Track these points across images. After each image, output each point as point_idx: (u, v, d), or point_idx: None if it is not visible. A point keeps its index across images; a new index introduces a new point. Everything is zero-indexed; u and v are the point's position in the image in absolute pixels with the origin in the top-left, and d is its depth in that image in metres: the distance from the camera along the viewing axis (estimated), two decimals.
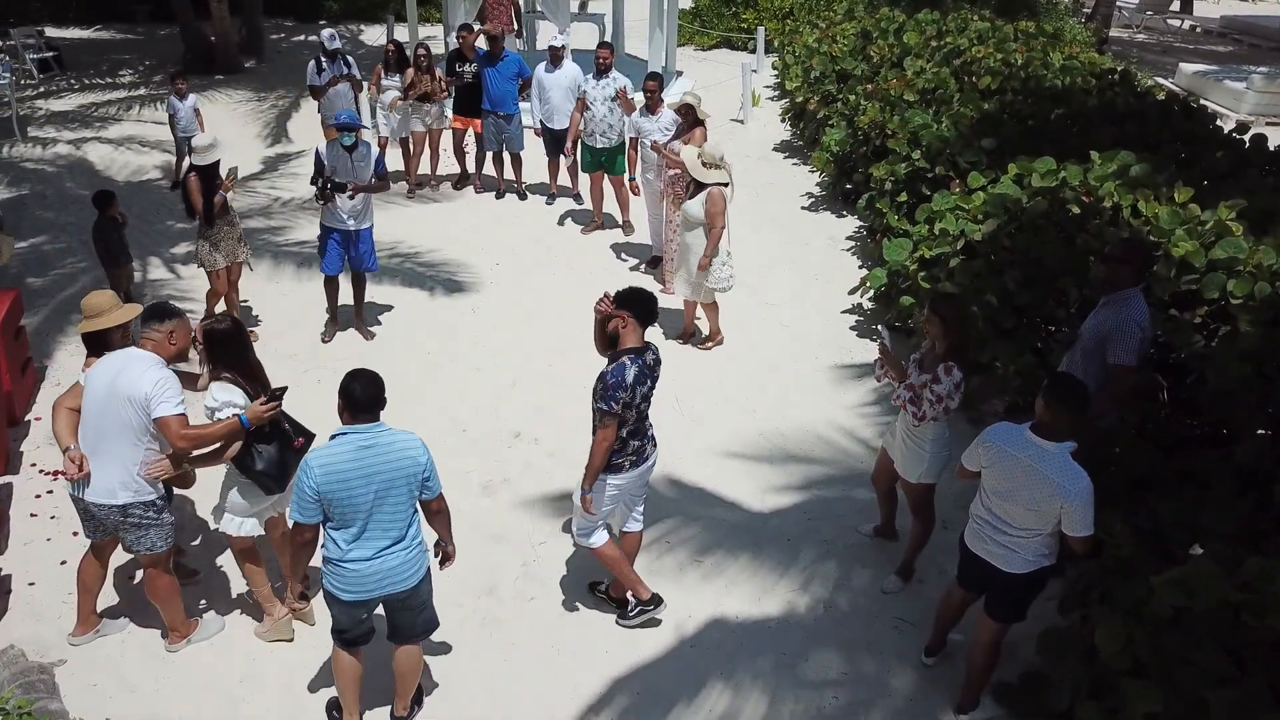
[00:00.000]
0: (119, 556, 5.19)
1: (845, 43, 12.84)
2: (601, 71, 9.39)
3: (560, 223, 10.40)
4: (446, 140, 11.27)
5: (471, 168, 11.24)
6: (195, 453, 4.68)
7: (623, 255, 9.65)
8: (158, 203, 10.44)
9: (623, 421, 4.66)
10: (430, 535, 4.36)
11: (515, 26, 14.91)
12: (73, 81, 15.53)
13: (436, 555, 4.41)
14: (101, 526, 4.71)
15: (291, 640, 5.11)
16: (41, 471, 6.26)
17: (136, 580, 5.37)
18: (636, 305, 4.69)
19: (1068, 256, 6.39)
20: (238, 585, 5.41)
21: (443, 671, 4.95)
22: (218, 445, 4.64)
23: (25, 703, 3.54)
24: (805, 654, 5.08)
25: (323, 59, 10.12)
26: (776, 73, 15.08)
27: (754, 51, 16.56)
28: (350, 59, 10.36)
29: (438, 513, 4.28)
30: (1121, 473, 4.84)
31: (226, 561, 5.55)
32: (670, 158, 7.97)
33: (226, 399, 4.61)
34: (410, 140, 10.81)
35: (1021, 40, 11.53)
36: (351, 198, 7.43)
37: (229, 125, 13.30)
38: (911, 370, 5.00)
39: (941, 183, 8.44)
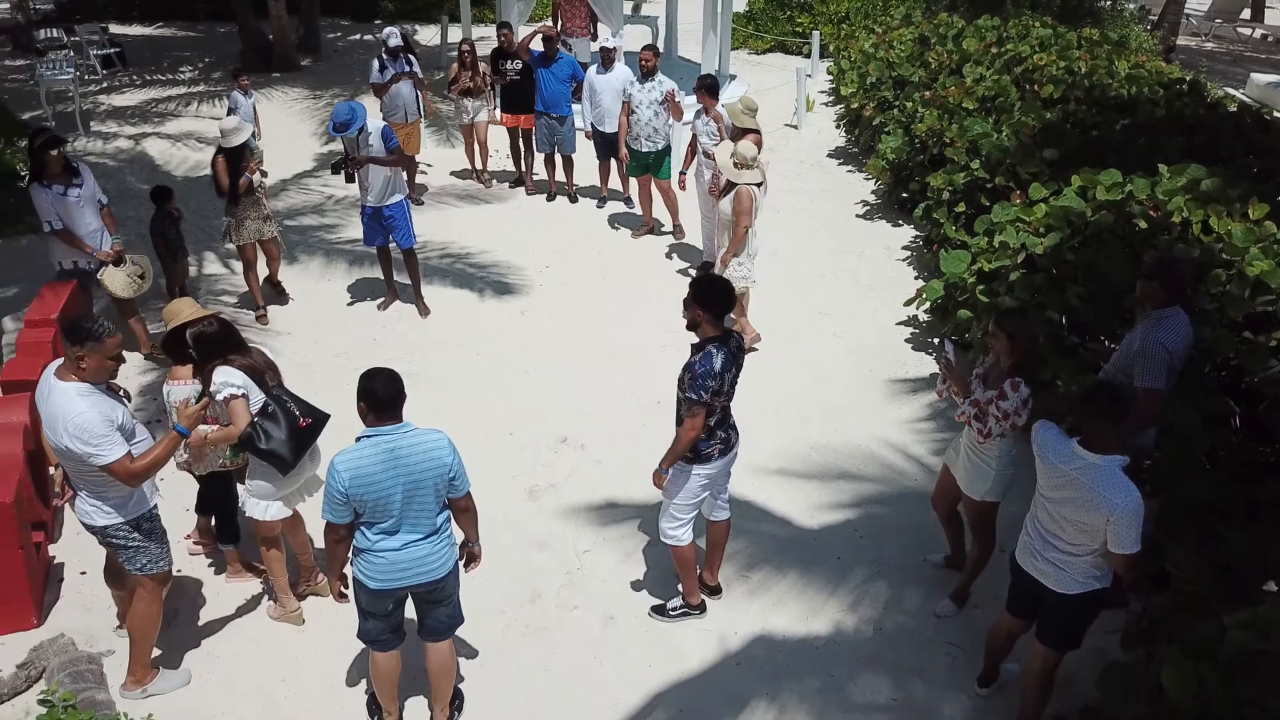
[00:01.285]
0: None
1: (903, 48, 12.63)
2: (647, 75, 9.30)
3: (611, 226, 10.34)
4: (499, 139, 11.27)
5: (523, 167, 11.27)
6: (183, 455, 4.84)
7: (673, 259, 9.57)
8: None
9: (709, 410, 4.67)
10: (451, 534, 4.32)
11: (591, 30, 14.83)
12: (134, 77, 15.79)
13: (462, 557, 4.41)
14: (100, 542, 4.50)
15: (302, 625, 5.20)
16: None
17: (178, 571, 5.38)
18: (709, 297, 4.67)
19: (1133, 272, 6.17)
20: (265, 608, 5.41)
21: (483, 679, 4.90)
22: (217, 434, 4.65)
23: (70, 695, 3.55)
24: (853, 676, 4.96)
25: (385, 57, 10.17)
26: (831, 78, 14.90)
27: (809, 56, 16.39)
28: (412, 57, 10.42)
29: (464, 511, 4.27)
30: (1190, 501, 4.65)
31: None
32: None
33: (223, 380, 4.64)
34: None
35: (1085, 48, 11.24)
36: (354, 172, 7.83)
37: (284, 122, 13.44)
38: (976, 386, 4.85)
39: (1001, 194, 8.24)
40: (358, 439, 4.01)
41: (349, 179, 7.90)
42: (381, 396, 3.97)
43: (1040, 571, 4.20)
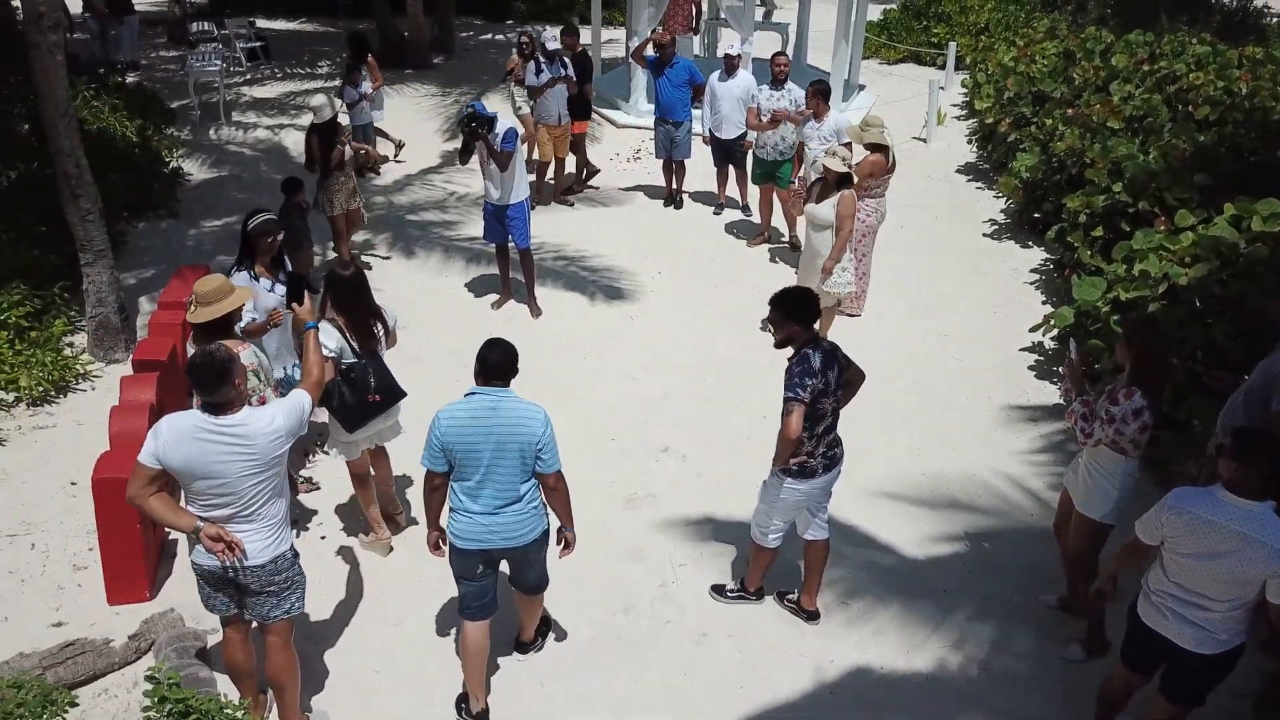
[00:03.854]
0: None
1: (1045, 63, 12.10)
2: (779, 81, 9.13)
3: (726, 234, 10.22)
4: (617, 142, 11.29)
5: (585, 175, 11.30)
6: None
7: (787, 270, 9.38)
8: None
9: (819, 414, 4.64)
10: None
11: (693, 27, 14.85)
12: (275, 70, 16.42)
13: (559, 543, 4.59)
14: (241, 593, 4.16)
15: (385, 556, 5.64)
16: None
17: None
18: (797, 308, 4.73)
19: None
20: (363, 603, 5.50)
21: (573, 689, 4.86)
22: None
23: (175, 674, 3.63)
24: (953, 717, 4.72)
25: (541, 60, 10.21)
26: (965, 91, 14.41)
27: (943, 68, 15.90)
28: (567, 60, 10.44)
29: (553, 490, 4.39)
30: None
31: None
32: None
33: (322, 340, 4.80)
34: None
35: (1247, 67, 10.52)
36: (472, 146, 7.96)
37: (412, 118, 13.73)
38: (1102, 400, 4.63)
39: (1144, 219, 7.77)
40: (465, 395, 4.31)
41: (469, 148, 8.00)
42: (490, 362, 4.27)
43: (1177, 633, 3.92)
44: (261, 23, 18.74)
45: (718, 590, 5.42)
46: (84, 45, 15.68)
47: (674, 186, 10.88)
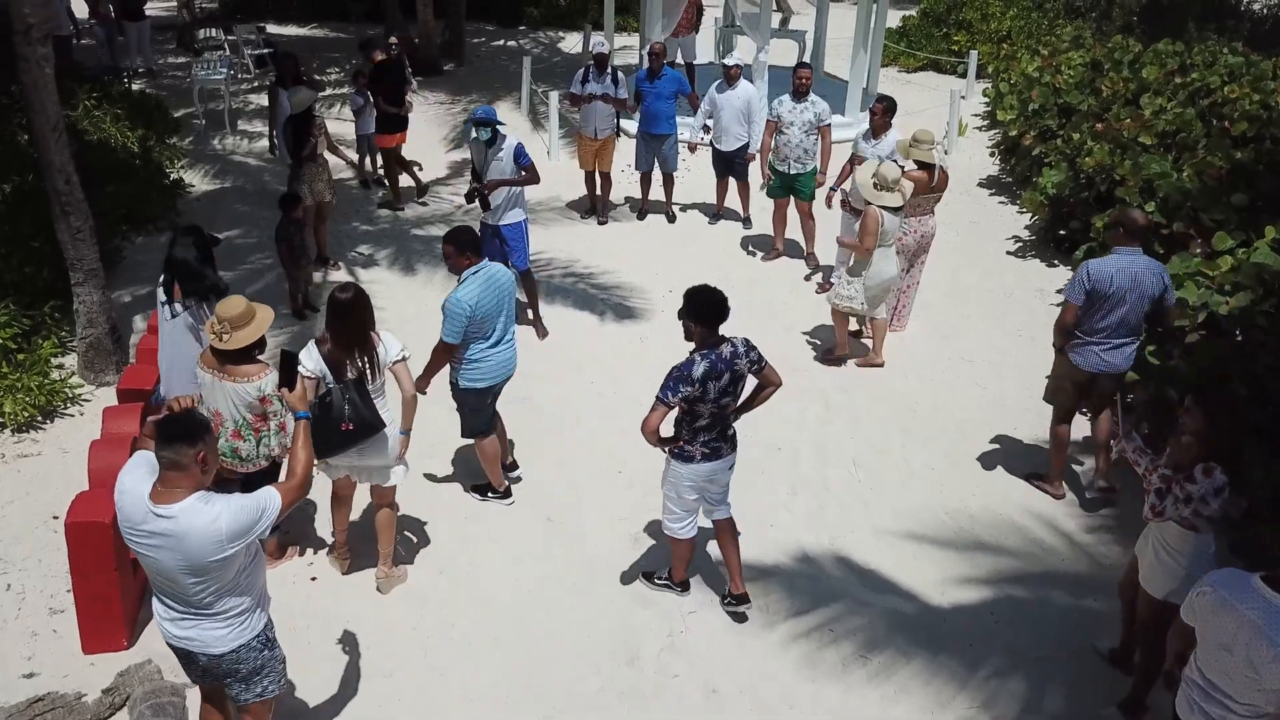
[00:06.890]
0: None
1: (1071, 73, 11.73)
2: (800, 93, 8.81)
3: (738, 250, 9.91)
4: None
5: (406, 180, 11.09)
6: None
7: (803, 287, 9.09)
8: (344, 203, 10.56)
9: (695, 415, 4.79)
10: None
11: (696, 25, 14.63)
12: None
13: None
14: (208, 673, 3.83)
15: (344, 574, 5.52)
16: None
17: None
18: (697, 309, 4.78)
19: None
20: (354, 651, 5.21)
21: None
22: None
23: None
24: None
25: (592, 70, 9.85)
26: (988, 101, 14.06)
27: (964, 76, 15.55)
28: (621, 74, 10.01)
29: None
30: None
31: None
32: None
33: (301, 359, 4.61)
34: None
35: None
36: (487, 197, 7.55)
37: (419, 127, 13.39)
38: (1149, 459, 4.28)
39: (1179, 241, 7.42)
40: (463, 279, 5.49)
41: (485, 206, 7.62)
42: (467, 240, 5.54)
43: None
44: (272, 28, 18.55)
45: (647, 576, 5.52)
46: (91, 52, 15.50)
47: (664, 200, 10.59)
